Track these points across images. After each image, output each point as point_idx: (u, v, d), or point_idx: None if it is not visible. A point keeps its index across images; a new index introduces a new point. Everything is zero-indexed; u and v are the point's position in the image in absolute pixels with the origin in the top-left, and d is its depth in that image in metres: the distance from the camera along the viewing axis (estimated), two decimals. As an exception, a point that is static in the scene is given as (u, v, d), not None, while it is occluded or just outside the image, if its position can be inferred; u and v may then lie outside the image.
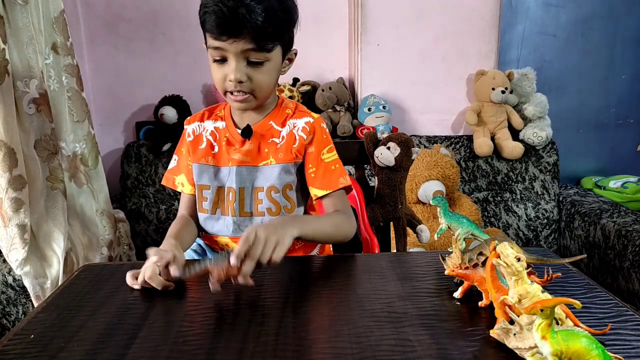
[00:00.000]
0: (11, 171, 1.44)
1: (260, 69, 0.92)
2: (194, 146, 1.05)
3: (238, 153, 1.00)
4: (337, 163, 1.02)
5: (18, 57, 1.48)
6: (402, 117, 2.32)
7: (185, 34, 2.29)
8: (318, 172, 1.01)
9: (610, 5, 2.31)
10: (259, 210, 1.00)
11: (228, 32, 0.86)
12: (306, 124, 1.00)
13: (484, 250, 0.67)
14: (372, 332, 0.63)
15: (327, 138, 1.03)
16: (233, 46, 0.88)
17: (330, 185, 1.00)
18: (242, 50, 0.88)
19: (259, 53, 0.89)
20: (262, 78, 0.92)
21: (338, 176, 1.01)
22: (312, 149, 1.01)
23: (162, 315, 0.69)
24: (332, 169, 1.01)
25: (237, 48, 0.88)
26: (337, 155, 1.04)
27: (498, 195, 2.25)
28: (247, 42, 0.87)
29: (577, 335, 0.50)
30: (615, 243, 1.84)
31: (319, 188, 1.00)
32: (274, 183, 0.99)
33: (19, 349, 0.62)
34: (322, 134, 1.02)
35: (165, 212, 2.21)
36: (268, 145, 1.00)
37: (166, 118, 2.18)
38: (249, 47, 0.88)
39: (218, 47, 0.89)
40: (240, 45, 0.87)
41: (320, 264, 0.91)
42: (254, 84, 0.92)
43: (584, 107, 2.42)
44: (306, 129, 1.00)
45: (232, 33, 0.86)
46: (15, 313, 1.63)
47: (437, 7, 2.20)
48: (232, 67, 0.89)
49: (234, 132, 1.01)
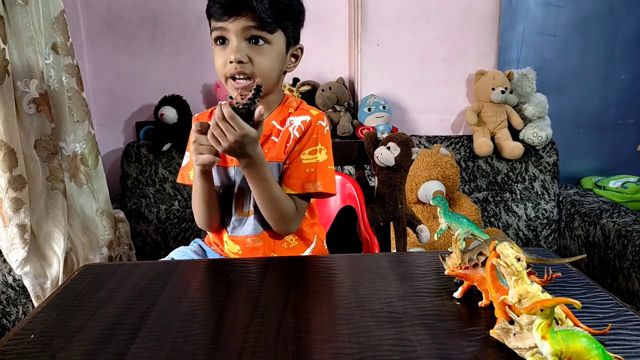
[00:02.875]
0: (11, 171, 1.44)
1: (261, 50, 0.92)
2: None
3: None
4: (313, 167, 0.97)
5: (18, 57, 1.48)
6: (402, 117, 2.32)
7: (185, 34, 2.29)
8: (292, 171, 0.97)
9: (610, 5, 2.31)
10: (256, 211, 1.00)
11: (229, 11, 0.88)
12: (302, 123, 0.98)
13: (484, 250, 0.67)
14: (372, 332, 0.63)
15: (320, 139, 0.99)
16: (234, 24, 0.89)
17: (298, 186, 0.97)
18: (242, 27, 0.89)
19: (259, 31, 0.90)
20: (262, 61, 0.92)
21: (312, 179, 0.97)
22: (296, 147, 0.98)
23: (162, 315, 0.69)
24: (306, 172, 0.97)
25: (237, 26, 0.89)
26: (327, 157, 0.99)
27: (498, 195, 2.25)
28: (248, 19, 0.89)
29: (577, 335, 0.50)
30: (615, 243, 1.84)
31: (286, 186, 0.97)
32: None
33: (19, 349, 0.62)
34: (313, 133, 0.98)
35: (165, 212, 2.21)
36: (267, 145, 1.00)
37: (166, 118, 2.18)
38: (249, 24, 0.89)
39: (220, 27, 0.90)
40: (242, 22, 0.89)
41: (320, 264, 0.91)
42: (254, 66, 0.92)
43: (584, 107, 2.42)
44: (301, 128, 0.98)
45: (233, 12, 0.88)
46: (15, 313, 1.63)
47: (437, 7, 2.20)
48: (233, 46, 0.90)
49: None
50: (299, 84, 2.31)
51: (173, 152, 2.22)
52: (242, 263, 0.89)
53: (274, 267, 0.80)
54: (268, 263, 0.87)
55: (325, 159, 0.99)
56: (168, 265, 0.86)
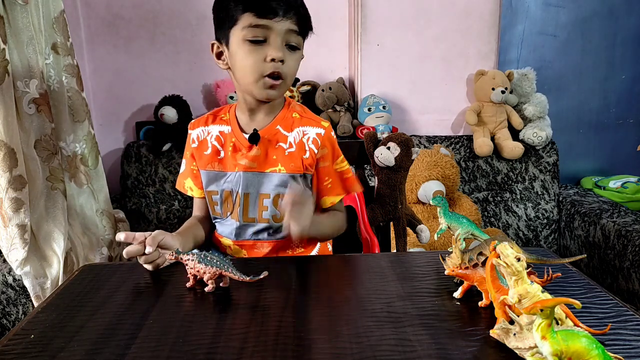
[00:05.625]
0: (11, 171, 1.44)
1: (294, 55, 0.92)
2: (199, 152, 1.04)
3: (245, 159, 0.98)
4: (349, 172, 1.07)
5: (18, 57, 1.48)
6: (402, 117, 2.32)
7: (185, 34, 2.29)
8: (335, 183, 1.04)
9: (610, 5, 2.31)
10: (263, 217, 1.00)
11: (276, 10, 0.86)
12: (317, 136, 1.00)
13: (484, 250, 0.67)
14: (372, 332, 0.63)
15: (337, 148, 1.05)
16: (280, 24, 0.87)
17: (344, 191, 1.06)
18: (287, 29, 0.88)
19: (298, 36, 0.90)
20: (293, 65, 0.93)
21: (351, 184, 1.07)
22: (327, 163, 1.02)
23: (162, 315, 0.69)
24: (344, 178, 1.05)
25: (282, 27, 0.87)
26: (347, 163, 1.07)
27: (498, 195, 2.25)
28: (292, 22, 0.87)
29: (577, 335, 0.50)
30: (615, 243, 1.84)
31: (334, 195, 1.04)
32: (282, 191, 0.98)
33: (19, 349, 0.62)
34: (334, 146, 1.03)
35: (165, 212, 2.21)
36: (275, 150, 0.99)
37: (166, 118, 2.18)
38: (292, 28, 0.88)
39: (261, 25, 0.87)
40: (287, 24, 0.87)
41: (320, 264, 0.91)
42: (287, 70, 0.91)
43: (584, 107, 2.42)
44: (317, 142, 0.99)
45: (279, 11, 0.86)
46: (15, 313, 1.63)
47: (437, 7, 2.20)
48: (276, 46, 0.88)
49: (240, 137, 1.00)
50: (299, 84, 2.31)
51: (173, 152, 2.22)
52: (243, 263, 0.89)
53: (274, 267, 0.80)
54: (268, 263, 0.87)
55: (348, 165, 1.08)
56: (168, 265, 0.86)
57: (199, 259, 0.76)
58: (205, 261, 0.75)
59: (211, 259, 0.75)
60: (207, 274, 0.75)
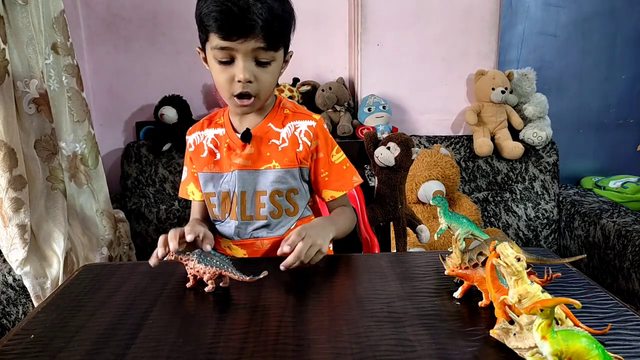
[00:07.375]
0: (11, 171, 1.44)
1: (266, 69, 0.92)
2: (196, 156, 1.05)
3: (239, 157, 0.99)
4: (346, 162, 1.06)
5: (18, 57, 1.48)
6: (402, 117, 2.32)
7: (185, 34, 2.28)
8: (332, 176, 1.03)
9: (610, 5, 2.31)
10: (261, 214, 1.00)
11: (238, 31, 0.85)
12: (309, 128, 1.00)
13: (484, 250, 0.67)
14: (372, 332, 0.63)
15: (331, 139, 1.05)
16: (243, 45, 0.87)
17: (346, 185, 1.05)
18: (252, 49, 0.87)
19: (267, 52, 0.89)
20: (267, 79, 0.93)
21: (351, 175, 1.06)
22: (321, 154, 1.02)
23: (162, 315, 0.69)
24: (343, 170, 1.05)
25: (247, 47, 0.87)
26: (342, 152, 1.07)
27: (498, 195, 2.25)
28: (258, 41, 0.87)
29: (577, 335, 0.50)
30: (615, 243, 1.84)
31: (336, 190, 1.04)
32: (279, 187, 0.99)
33: (19, 349, 0.62)
34: (327, 137, 1.03)
35: (165, 212, 2.21)
36: (268, 147, 1.00)
37: (166, 118, 2.18)
38: (258, 46, 0.87)
39: (226, 47, 0.87)
40: (251, 44, 0.87)
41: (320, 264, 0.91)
42: (259, 84, 0.92)
43: (584, 107, 2.42)
44: (309, 134, 1.00)
45: (242, 32, 0.85)
46: (15, 313, 1.63)
47: (437, 7, 2.20)
48: (241, 67, 0.88)
49: (233, 137, 1.01)
50: (299, 84, 2.31)
51: (173, 152, 2.22)
52: (243, 263, 0.89)
53: (274, 267, 0.80)
54: (268, 263, 0.87)
55: (345, 156, 1.07)
56: (168, 265, 0.86)
57: (199, 259, 0.76)
58: (205, 261, 0.76)
59: (211, 259, 0.76)
60: (207, 274, 0.75)
